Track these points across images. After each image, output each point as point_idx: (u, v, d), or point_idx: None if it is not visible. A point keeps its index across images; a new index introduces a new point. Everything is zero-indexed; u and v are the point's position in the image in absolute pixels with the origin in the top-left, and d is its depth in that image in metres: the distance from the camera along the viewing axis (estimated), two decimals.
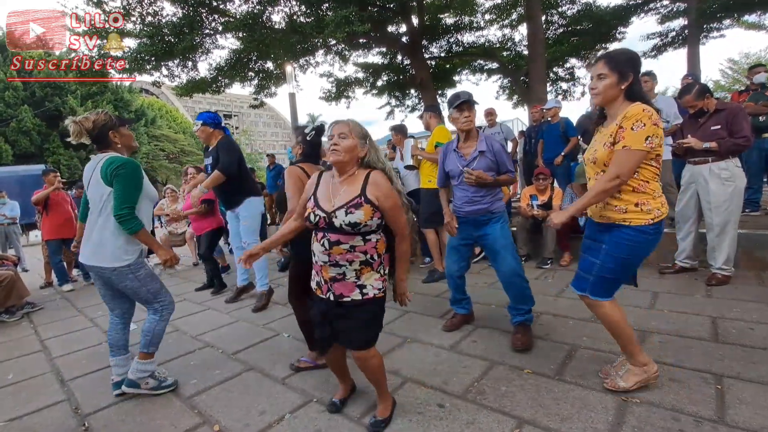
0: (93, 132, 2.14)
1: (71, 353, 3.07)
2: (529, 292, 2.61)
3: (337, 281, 1.68)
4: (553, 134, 5.45)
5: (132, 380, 2.23)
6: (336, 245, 1.64)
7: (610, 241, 1.82)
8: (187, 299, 4.37)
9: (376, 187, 1.65)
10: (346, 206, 1.62)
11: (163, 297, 2.28)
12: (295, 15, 8.96)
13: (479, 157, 2.57)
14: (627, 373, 1.91)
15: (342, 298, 1.68)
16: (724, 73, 21.50)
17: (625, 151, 1.67)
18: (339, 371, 1.99)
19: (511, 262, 2.56)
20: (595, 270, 1.86)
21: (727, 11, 10.68)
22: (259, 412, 2.02)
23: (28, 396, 2.43)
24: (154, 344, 2.28)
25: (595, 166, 1.85)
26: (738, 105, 3.71)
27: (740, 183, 3.21)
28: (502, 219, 2.63)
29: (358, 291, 1.67)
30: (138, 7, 8.21)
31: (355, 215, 1.60)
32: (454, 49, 11.74)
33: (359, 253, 1.65)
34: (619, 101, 1.79)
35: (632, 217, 1.76)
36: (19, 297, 4.20)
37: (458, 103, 2.54)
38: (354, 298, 1.67)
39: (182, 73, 9.54)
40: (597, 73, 1.78)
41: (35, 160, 19.12)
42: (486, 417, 1.82)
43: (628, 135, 1.66)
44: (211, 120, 3.70)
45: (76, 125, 2.11)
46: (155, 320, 2.26)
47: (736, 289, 3.17)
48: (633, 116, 1.67)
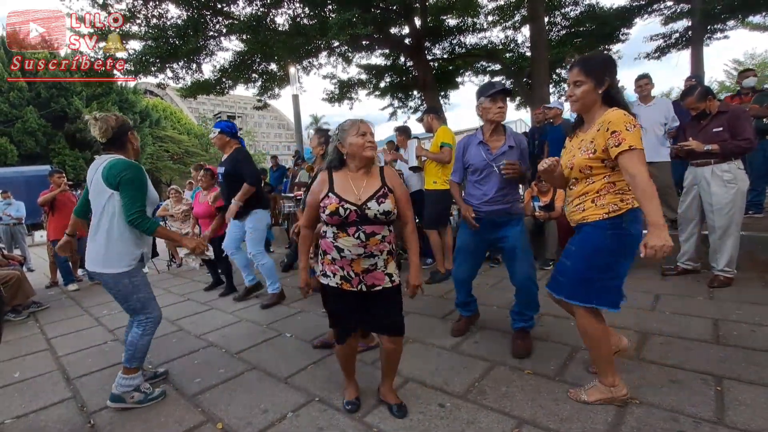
0: (114, 131, 2.12)
1: (77, 352, 3.10)
2: (536, 299, 2.53)
3: (369, 272, 1.77)
4: (557, 136, 5.45)
5: (116, 395, 2.16)
6: (372, 236, 1.73)
7: (575, 241, 1.87)
8: (191, 299, 4.41)
9: (392, 178, 1.83)
10: (375, 197, 1.74)
11: (151, 309, 2.21)
12: (299, 17, 9.02)
13: (509, 151, 2.44)
14: (593, 388, 1.87)
15: (374, 287, 1.78)
16: (728, 74, 21.42)
17: (634, 151, 1.59)
18: (351, 367, 2.01)
19: (528, 269, 2.46)
20: (569, 273, 1.85)
21: (732, 12, 10.64)
22: (262, 411, 2.05)
23: (35, 394, 2.46)
24: (138, 359, 2.20)
25: (571, 172, 1.83)
26: (740, 107, 3.71)
27: (743, 185, 3.21)
28: (521, 221, 2.53)
29: (387, 279, 1.80)
30: (143, 9, 8.28)
31: (386, 204, 1.74)
32: (457, 51, 11.76)
33: (387, 243, 1.78)
34: (597, 106, 1.76)
35: (588, 214, 1.79)
36: (25, 296, 4.25)
37: (492, 92, 2.36)
38: (385, 286, 1.79)
39: (187, 75, 9.63)
40: (573, 80, 1.75)
41: (40, 160, 19.28)
42: (486, 417, 1.84)
43: (629, 136, 1.60)
44: (228, 129, 3.82)
45: (102, 121, 2.08)
46: (138, 334, 2.17)
47: (739, 291, 3.16)
48: (619, 120, 1.62)
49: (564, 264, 1.91)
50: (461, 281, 2.73)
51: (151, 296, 2.23)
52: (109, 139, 2.12)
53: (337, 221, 1.73)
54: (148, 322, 2.21)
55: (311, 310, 3.56)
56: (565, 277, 1.88)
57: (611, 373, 1.83)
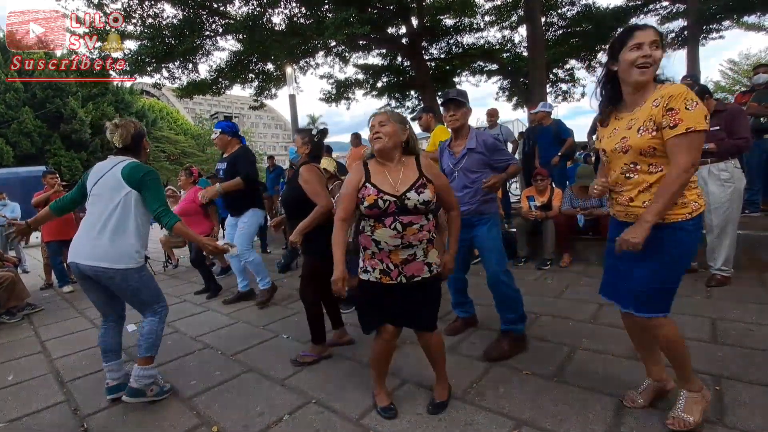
0: (133, 136, 2.21)
1: (71, 354, 3.07)
2: (513, 301, 2.47)
3: (408, 263, 1.76)
4: (547, 137, 5.49)
5: (136, 389, 2.11)
6: (409, 226, 1.72)
7: (652, 245, 1.50)
8: (187, 300, 4.38)
9: (430, 168, 1.82)
10: (414, 188, 1.74)
11: (161, 298, 2.28)
12: (295, 17, 8.99)
13: (468, 154, 2.51)
14: (689, 402, 1.63)
15: (414, 278, 1.77)
16: (724, 74, 21.51)
17: (691, 134, 1.39)
18: (384, 366, 1.96)
19: (493, 267, 2.45)
20: (645, 281, 1.57)
21: (727, 12, 10.70)
22: (258, 413, 2.02)
23: (28, 397, 2.43)
24: (156, 347, 2.22)
25: (626, 156, 1.55)
26: (737, 106, 3.72)
27: (739, 184, 3.21)
28: (492, 221, 2.53)
29: (427, 269, 1.79)
30: (139, 9, 8.24)
31: (425, 194, 1.73)
32: (454, 51, 11.77)
33: (426, 232, 1.77)
34: (651, 81, 1.53)
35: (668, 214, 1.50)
36: (19, 298, 4.21)
37: (442, 101, 2.57)
38: (425, 276, 1.78)
39: (183, 75, 9.59)
40: (651, 39, 1.46)
41: (36, 161, 19.15)
42: (484, 418, 1.82)
43: (687, 116, 1.39)
44: (229, 129, 3.85)
45: (124, 129, 2.17)
46: (156, 321, 2.22)
47: (736, 290, 3.17)
48: (680, 95, 1.41)
49: (638, 273, 1.59)
50: (451, 281, 2.74)
51: (157, 286, 2.29)
52: (128, 144, 2.21)
53: (376, 213, 1.73)
54: (162, 310, 2.28)
55: None
56: (645, 288, 1.58)
57: (695, 376, 1.67)
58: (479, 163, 2.48)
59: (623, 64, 1.53)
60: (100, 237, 2.06)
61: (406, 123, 1.82)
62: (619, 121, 1.63)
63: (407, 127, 1.82)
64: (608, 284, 1.78)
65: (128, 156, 2.22)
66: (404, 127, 1.80)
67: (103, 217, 2.08)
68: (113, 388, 2.22)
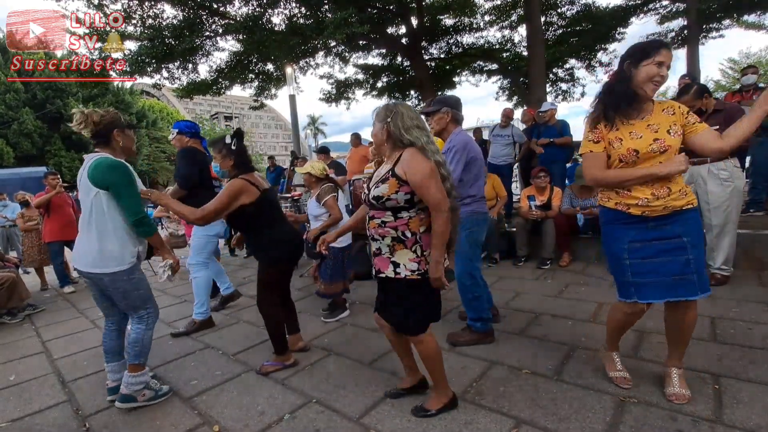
0: (98, 126, 2.07)
1: (72, 354, 3.08)
2: (473, 303, 2.56)
3: (377, 255, 1.79)
4: (550, 136, 5.47)
5: (127, 395, 2.11)
6: (372, 219, 1.78)
7: (689, 231, 1.72)
8: (187, 300, 4.38)
9: (405, 162, 1.68)
10: (377, 182, 1.74)
11: (150, 303, 2.20)
12: (295, 17, 9.00)
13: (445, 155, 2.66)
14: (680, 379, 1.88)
15: (380, 273, 1.79)
16: (724, 72, 21.48)
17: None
18: (400, 353, 2.01)
19: (458, 269, 2.56)
20: (694, 266, 1.71)
21: (727, 11, 10.69)
22: (259, 413, 2.03)
23: (30, 397, 2.44)
24: (144, 354, 2.18)
25: (663, 155, 1.68)
26: (736, 105, 3.72)
27: (739, 183, 3.21)
28: (461, 226, 2.44)
29: (392, 268, 1.74)
30: (139, 9, 8.25)
31: (379, 189, 1.70)
32: (454, 50, 11.77)
33: (389, 229, 1.73)
34: None
35: (692, 199, 1.74)
36: (20, 299, 4.22)
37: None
38: (388, 275, 1.75)
39: (183, 75, 9.59)
40: (670, 61, 1.70)
41: (37, 162, 19.19)
42: (484, 417, 1.83)
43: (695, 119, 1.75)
44: (188, 129, 3.48)
45: (83, 115, 2.05)
46: (141, 329, 2.15)
47: (736, 289, 3.17)
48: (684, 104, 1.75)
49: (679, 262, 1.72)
50: None
51: (150, 292, 2.23)
52: (93, 135, 2.09)
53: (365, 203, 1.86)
54: (150, 317, 2.20)
55: (309, 311, 3.55)
56: (695, 273, 1.72)
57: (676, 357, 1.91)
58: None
59: (642, 74, 1.67)
60: (85, 241, 2.04)
61: (387, 118, 1.73)
62: (632, 125, 1.73)
63: (387, 122, 1.73)
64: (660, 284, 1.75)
65: (102, 150, 2.10)
66: (382, 126, 1.75)
67: (84, 219, 2.05)
68: (115, 388, 2.23)
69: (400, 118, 1.72)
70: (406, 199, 1.68)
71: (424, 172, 1.63)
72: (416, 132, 1.71)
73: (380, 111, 1.79)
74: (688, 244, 1.71)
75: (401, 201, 1.68)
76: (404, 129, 1.70)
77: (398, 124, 1.71)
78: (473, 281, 2.56)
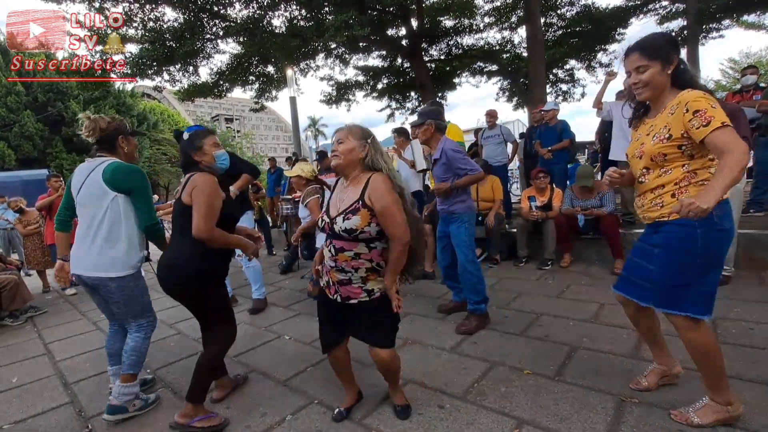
0: (104, 132, 2.08)
1: (75, 356, 3.09)
2: (481, 287, 2.86)
3: (344, 285, 1.71)
4: (551, 136, 5.48)
5: (117, 406, 2.05)
6: (341, 252, 1.66)
7: (663, 245, 1.60)
8: None
9: (373, 189, 1.61)
10: (345, 212, 1.63)
11: (150, 312, 2.18)
12: (296, 19, 9.02)
13: (436, 162, 2.91)
14: (706, 408, 1.64)
15: (348, 300, 1.72)
16: (724, 72, 21.49)
17: (727, 128, 1.39)
18: (344, 376, 1.96)
19: (462, 259, 2.87)
20: (656, 277, 1.63)
21: (726, 11, 10.69)
22: (261, 414, 2.04)
23: (33, 399, 2.45)
24: (140, 364, 2.13)
25: (641, 161, 1.63)
26: (736, 105, 3.72)
27: (739, 183, 3.21)
28: (460, 220, 2.87)
29: (365, 294, 1.70)
30: (140, 12, 8.27)
31: (351, 221, 1.60)
32: (454, 52, 11.77)
33: (364, 261, 1.66)
34: (667, 89, 1.59)
35: (668, 212, 1.55)
36: (22, 301, 4.23)
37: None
38: (361, 300, 1.70)
39: (183, 78, 9.62)
40: (634, 66, 1.58)
41: (38, 164, 19.21)
42: (486, 417, 1.83)
43: (716, 113, 1.40)
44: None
45: (92, 122, 2.05)
46: (140, 338, 2.11)
47: (736, 289, 3.17)
48: (700, 99, 1.44)
49: (647, 269, 1.68)
50: (442, 266, 3.21)
51: (149, 299, 2.21)
52: (99, 140, 2.09)
53: (324, 231, 1.77)
54: (150, 326, 2.17)
55: (310, 313, 3.55)
56: (652, 284, 1.65)
57: (726, 390, 1.62)
58: (445, 170, 2.86)
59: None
60: (93, 246, 2.00)
61: (366, 139, 1.69)
62: (645, 126, 1.70)
63: (368, 144, 1.68)
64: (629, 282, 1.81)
65: (107, 155, 2.10)
66: (363, 144, 1.67)
67: (93, 226, 2.01)
68: None
69: (376, 143, 1.73)
70: (377, 231, 1.64)
71: (388, 201, 1.59)
72: (385, 158, 1.73)
73: (355, 129, 1.71)
74: (656, 256, 1.63)
75: (373, 233, 1.63)
76: (380, 153, 1.71)
77: (378, 148, 1.72)
78: (475, 266, 2.87)
